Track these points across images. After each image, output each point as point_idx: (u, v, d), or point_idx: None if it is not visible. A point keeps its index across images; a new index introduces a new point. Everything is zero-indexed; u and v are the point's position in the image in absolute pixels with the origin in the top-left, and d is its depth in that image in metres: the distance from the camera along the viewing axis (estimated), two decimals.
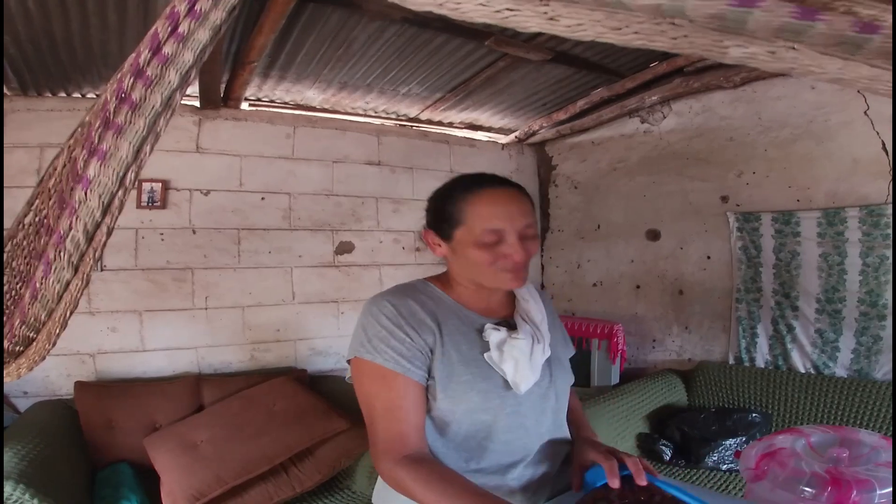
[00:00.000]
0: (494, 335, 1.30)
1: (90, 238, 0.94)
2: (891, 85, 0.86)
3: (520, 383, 1.27)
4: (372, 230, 4.19)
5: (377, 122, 4.23)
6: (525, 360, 1.28)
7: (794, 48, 0.84)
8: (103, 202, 0.92)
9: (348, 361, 1.32)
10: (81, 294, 1.01)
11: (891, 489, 1.28)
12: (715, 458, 3.11)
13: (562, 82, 3.82)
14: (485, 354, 1.28)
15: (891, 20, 0.72)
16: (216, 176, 3.62)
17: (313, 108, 3.94)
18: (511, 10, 0.90)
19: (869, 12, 0.74)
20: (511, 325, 1.36)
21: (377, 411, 1.23)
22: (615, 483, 1.13)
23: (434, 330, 1.27)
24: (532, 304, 1.40)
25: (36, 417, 2.79)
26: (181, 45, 0.91)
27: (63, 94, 3.27)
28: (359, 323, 1.30)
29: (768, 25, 0.81)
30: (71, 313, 1.03)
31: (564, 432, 1.43)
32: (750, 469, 1.49)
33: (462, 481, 1.14)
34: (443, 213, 1.32)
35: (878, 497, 1.27)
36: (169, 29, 0.92)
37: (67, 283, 0.98)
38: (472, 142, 4.72)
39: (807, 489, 1.33)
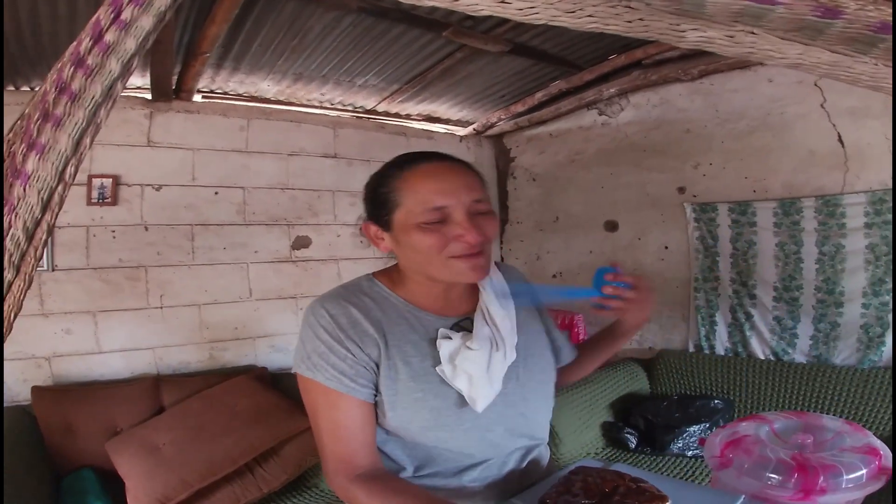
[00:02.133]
0: (446, 346, 1.16)
1: (30, 236, 0.89)
2: (849, 73, 0.86)
3: (477, 399, 1.14)
4: (329, 224, 4.13)
5: (333, 114, 4.16)
6: (481, 374, 1.14)
7: (753, 33, 0.84)
8: (42, 198, 0.87)
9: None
10: (24, 295, 0.96)
11: (857, 473, 1.29)
12: (680, 445, 3.16)
13: (520, 74, 3.81)
14: (437, 368, 1.15)
15: (853, 6, 0.71)
16: (168, 170, 3.51)
17: (268, 101, 3.86)
18: None
19: None
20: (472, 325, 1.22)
21: (322, 430, 1.14)
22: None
23: (378, 342, 1.15)
24: (493, 298, 1.23)
25: None
26: (123, 32, 0.86)
27: (11, 88, 3.12)
28: (300, 333, 1.20)
29: (727, 9, 0.80)
30: (15, 316, 0.99)
31: (535, 431, 1.30)
32: (715, 457, 1.48)
33: (416, 491, 1.07)
34: (378, 197, 1.17)
35: (846, 482, 1.28)
36: (112, 16, 0.87)
37: (10, 284, 0.93)
38: (430, 134, 4.69)
39: (773, 476, 1.32)
